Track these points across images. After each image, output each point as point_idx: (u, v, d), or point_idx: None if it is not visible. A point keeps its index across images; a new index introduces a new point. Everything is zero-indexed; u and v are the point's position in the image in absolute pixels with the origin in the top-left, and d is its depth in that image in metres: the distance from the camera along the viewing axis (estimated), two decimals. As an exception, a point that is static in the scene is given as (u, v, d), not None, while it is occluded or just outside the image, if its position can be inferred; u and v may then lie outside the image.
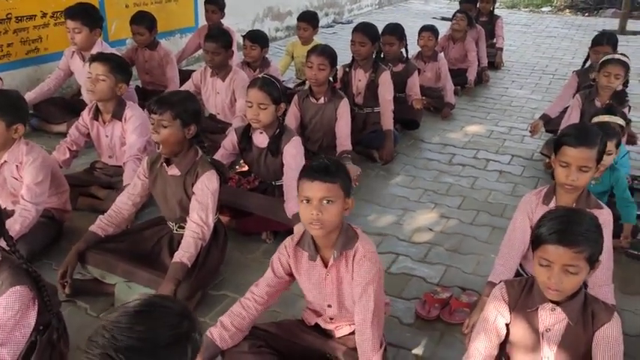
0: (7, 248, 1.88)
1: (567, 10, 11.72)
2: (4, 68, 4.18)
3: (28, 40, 4.48)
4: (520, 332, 1.80)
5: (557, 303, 1.73)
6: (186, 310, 1.21)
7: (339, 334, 2.09)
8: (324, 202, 1.83)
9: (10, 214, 2.55)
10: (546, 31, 9.39)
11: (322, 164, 1.88)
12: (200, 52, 5.16)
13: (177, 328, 1.14)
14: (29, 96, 3.92)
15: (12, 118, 2.52)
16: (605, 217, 2.23)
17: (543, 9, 11.94)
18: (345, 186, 1.88)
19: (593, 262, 1.66)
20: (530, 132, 4.35)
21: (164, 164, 2.52)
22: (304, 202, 1.86)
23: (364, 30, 4.00)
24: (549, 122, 4.32)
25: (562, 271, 1.63)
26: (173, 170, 2.51)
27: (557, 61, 7.34)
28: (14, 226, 2.48)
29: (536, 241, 1.69)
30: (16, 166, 2.62)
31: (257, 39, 4.37)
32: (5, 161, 2.62)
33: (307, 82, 3.75)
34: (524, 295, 1.80)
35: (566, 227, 1.64)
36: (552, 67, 6.99)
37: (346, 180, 1.90)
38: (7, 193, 2.68)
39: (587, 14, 11.39)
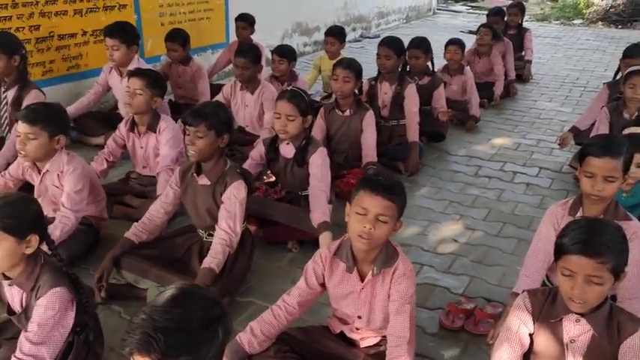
0: (49, 252, 1.99)
1: (600, 23, 11.55)
2: (46, 84, 4.37)
3: (69, 57, 4.69)
4: (544, 343, 1.80)
5: (582, 314, 1.72)
6: (217, 298, 1.31)
7: (363, 344, 2.12)
8: (380, 219, 1.84)
9: (50, 221, 2.67)
10: (578, 44, 9.28)
11: (388, 181, 1.89)
12: (230, 66, 5.32)
13: (210, 312, 1.24)
14: (69, 110, 4.06)
15: (54, 130, 2.65)
16: (634, 228, 2.20)
17: (575, 21, 11.80)
18: (401, 208, 1.90)
19: (617, 273, 1.64)
20: (559, 144, 4.31)
21: (194, 174, 2.62)
22: (359, 213, 1.86)
23: (389, 43, 4.06)
24: (579, 135, 4.27)
25: (585, 281, 1.62)
26: (203, 180, 2.61)
27: (588, 73, 7.25)
28: (54, 232, 2.58)
29: (559, 251, 1.69)
30: (57, 175, 2.74)
31: (285, 53, 4.48)
32: (47, 170, 2.75)
33: (333, 94, 3.82)
34: (547, 305, 1.79)
35: (589, 237, 1.63)
36: (583, 80, 6.91)
37: (404, 203, 1.91)
38: (49, 201, 2.81)
39: (620, 26, 11.21)
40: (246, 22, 5.28)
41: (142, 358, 1.17)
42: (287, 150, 3.11)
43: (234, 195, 2.52)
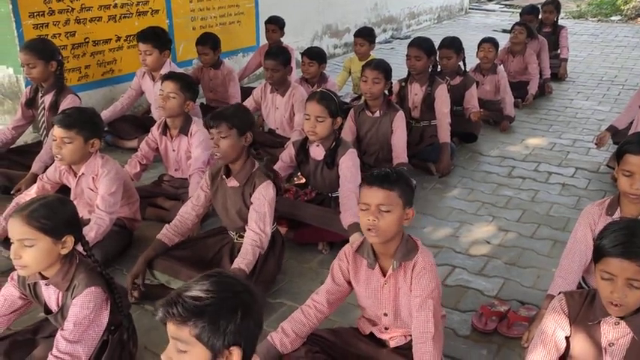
0: (84, 253, 2.03)
1: (639, 19, 11.21)
2: (82, 89, 4.48)
3: (103, 62, 4.81)
4: (581, 346, 1.75)
5: (621, 317, 1.68)
6: (249, 285, 1.41)
7: (393, 344, 2.10)
8: (382, 209, 1.86)
9: (85, 222, 2.73)
10: (615, 41, 9.03)
11: (382, 172, 1.92)
12: (261, 69, 5.36)
13: (233, 288, 1.35)
14: (104, 115, 4.19)
15: (89, 134, 2.71)
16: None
17: (613, 18, 11.48)
18: (404, 194, 1.90)
19: None
20: (596, 144, 4.20)
21: (224, 176, 2.65)
22: (362, 208, 1.90)
23: (419, 44, 4.03)
24: (617, 134, 4.14)
25: (626, 284, 1.58)
26: (232, 182, 2.63)
27: (627, 71, 7.05)
28: (90, 233, 2.64)
29: (598, 254, 1.64)
30: (92, 177, 2.81)
31: (314, 56, 4.49)
32: (83, 173, 2.82)
33: (363, 96, 3.81)
34: (585, 308, 1.75)
35: (630, 239, 1.59)
36: (622, 78, 6.71)
37: (406, 189, 1.91)
38: (84, 203, 2.87)
39: (660, 22, 10.86)
40: (276, 24, 5.31)
41: (170, 324, 1.31)
42: (317, 152, 3.11)
43: (263, 195, 2.54)
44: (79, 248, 2.01)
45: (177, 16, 5.35)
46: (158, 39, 4.12)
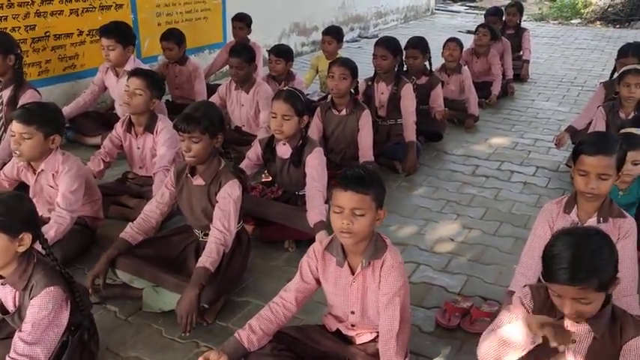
0: (43, 251, 1.98)
1: (598, 22, 11.57)
2: (42, 84, 4.36)
3: (65, 57, 4.69)
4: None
5: None
6: None
7: (359, 340, 2.12)
8: (356, 212, 1.86)
9: (45, 221, 2.66)
10: (575, 43, 9.31)
11: (357, 174, 1.90)
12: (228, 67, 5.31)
13: None
14: (66, 110, 4.08)
15: (49, 130, 2.64)
16: (628, 225, 2.22)
17: (573, 21, 11.83)
18: (378, 197, 1.91)
19: (607, 285, 1.62)
20: (556, 144, 4.32)
21: (189, 175, 2.61)
22: (336, 211, 1.89)
23: (385, 44, 4.06)
24: (576, 134, 4.26)
25: (576, 302, 1.62)
26: (198, 180, 2.60)
27: (586, 73, 7.27)
28: (49, 232, 2.58)
29: (547, 275, 1.65)
30: (52, 174, 2.74)
31: (282, 53, 4.48)
32: (42, 170, 2.74)
33: (330, 93, 3.82)
34: (549, 303, 1.75)
35: (575, 265, 1.59)
36: (581, 79, 6.92)
37: (379, 191, 1.92)
38: (44, 201, 2.80)
39: (618, 26, 11.24)
40: (242, 22, 5.27)
41: None
42: (283, 150, 3.11)
43: (229, 194, 2.52)
44: (38, 247, 1.96)
45: (142, 11, 5.26)
46: (121, 34, 4.04)
